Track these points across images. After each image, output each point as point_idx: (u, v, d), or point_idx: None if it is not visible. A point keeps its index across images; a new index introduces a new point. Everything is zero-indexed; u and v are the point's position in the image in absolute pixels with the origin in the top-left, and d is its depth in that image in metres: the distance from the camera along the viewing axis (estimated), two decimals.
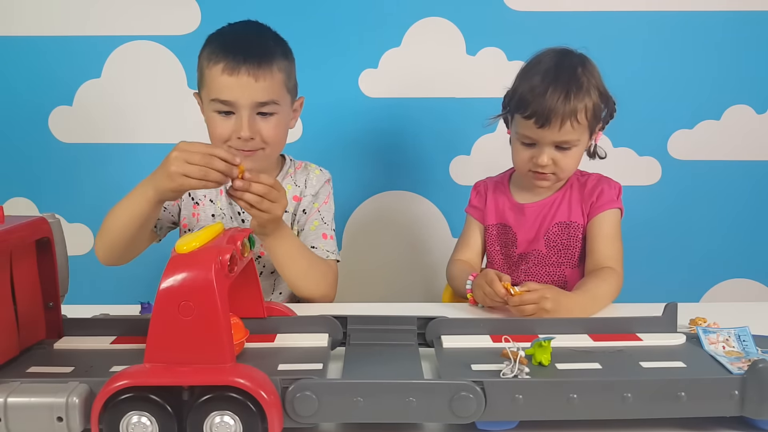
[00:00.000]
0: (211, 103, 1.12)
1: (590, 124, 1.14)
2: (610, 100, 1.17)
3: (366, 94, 1.71)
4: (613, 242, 1.16)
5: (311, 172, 1.27)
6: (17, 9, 1.69)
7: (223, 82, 1.10)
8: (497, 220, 1.27)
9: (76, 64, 1.71)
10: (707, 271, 1.80)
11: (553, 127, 1.11)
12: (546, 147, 1.14)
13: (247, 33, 1.16)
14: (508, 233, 1.25)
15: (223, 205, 1.22)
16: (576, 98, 1.10)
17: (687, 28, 1.68)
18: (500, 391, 0.62)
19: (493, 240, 1.27)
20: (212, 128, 1.14)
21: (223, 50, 1.10)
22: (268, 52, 1.13)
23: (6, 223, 0.71)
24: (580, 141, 1.14)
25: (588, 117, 1.13)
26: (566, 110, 1.10)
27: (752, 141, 1.74)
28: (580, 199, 1.21)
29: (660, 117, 1.73)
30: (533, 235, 1.23)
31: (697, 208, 1.77)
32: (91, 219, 1.79)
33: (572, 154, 1.15)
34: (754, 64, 1.70)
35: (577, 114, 1.11)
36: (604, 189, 1.19)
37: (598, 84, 1.15)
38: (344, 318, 0.82)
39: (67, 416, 0.60)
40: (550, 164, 1.14)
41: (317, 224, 1.23)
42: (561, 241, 1.21)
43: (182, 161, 0.94)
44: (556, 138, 1.12)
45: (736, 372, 0.67)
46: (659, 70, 1.71)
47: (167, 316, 0.61)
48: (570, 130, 1.12)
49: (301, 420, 0.62)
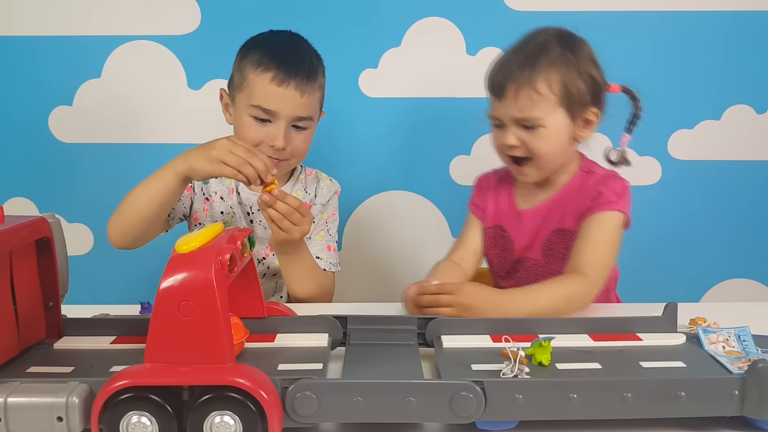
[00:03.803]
0: (250, 107, 1.13)
1: (566, 102, 1.04)
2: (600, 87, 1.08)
3: (366, 94, 1.71)
4: (596, 247, 1.04)
5: (321, 181, 1.29)
6: (17, 9, 1.69)
7: (270, 91, 1.11)
8: (495, 222, 1.20)
9: (76, 64, 1.71)
10: (707, 271, 1.80)
11: (508, 97, 1.02)
12: (510, 125, 1.05)
13: (297, 46, 1.18)
14: (505, 238, 1.19)
15: (233, 203, 1.23)
16: (536, 66, 1.01)
17: (687, 28, 1.68)
18: (500, 391, 0.62)
19: (491, 243, 1.21)
20: (245, 131, 1.15)
21: (274, 60, 1.12)
22: (314, 69, 1.16)
23: (6, 223, 0.71)
24: (550, 120, 1.04)
25: (555, 91, 1.02)
26: (521, 78, 1.01)
27: (752, 141, 1.74)
28: (578, 203, 1.11)
29: (660, 117, 1.73)
30: (529, 242, 1.16)
31: (697, 208, 1.77)
32: (91, 219, 1.79)
33: (542, 135, 1.04)
34: (754, 64, 1.70)
35: (535, 84, 1.01)
36: (602, 191, 1.08)
37: (582, 64, 1.05)
38: (344, 318, 0.82)
39: (67, 416, 0.60)
40: (518, 145, 1.05)
41: (324, 235, 1.26)
42: (559, 249, 1.13)
43: (227, 150, 0.97)
44: (516, 113, 1.03)
45: (736, 372, 0.67)
46: (659, 70, 1.70)
47: (167, 316, 0.61)
48: (529, 103, 1.02)
49: (301, 420, 0.62)
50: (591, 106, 1.08)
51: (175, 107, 1.73)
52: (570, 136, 1.08)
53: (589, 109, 1.08)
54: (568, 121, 1.06)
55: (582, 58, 1.06)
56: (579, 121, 1.07)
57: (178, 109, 1.73)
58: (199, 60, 1.70)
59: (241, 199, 1.23)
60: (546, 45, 1.05)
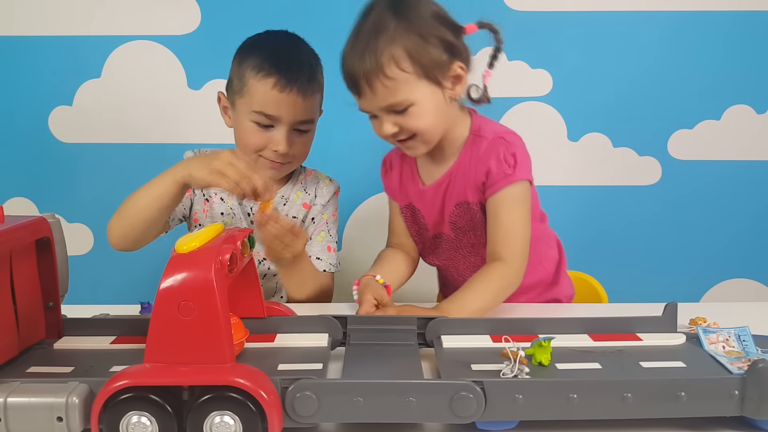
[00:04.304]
0: (252, 113, 1.12)
1: (424, 73, 0.96)
2: (454, 42, 0.99)
3: None
4: (507, 230, 1.01)
5: (321, 182, 1.28)
6: (17, 9, 1.69)
7: (272, 97, 1.10)
8: (406, 200, 1.16)
9: (76, 64, 1.71)
10: (707, 271, 1.80)
11: (365, 92, 0.97)
12: (383, 115, 0.99)
13: (296, 49, 1.16)
14: (417, 215, 1.16)
15: (233, 204, 1.23)
16: (377, 50, 0.94)
17: (687, 28, 1.69)
18: (500, 391, 0.62)
19: (409, 222, 1.17)
20: (246, 137, 1.14)
21: (275, 65, 1.10)
22: (314, 72, 1.15)
23: (6, 223, 0.71)
24: (415, 96, 0.97)
25: (407, 68, 0.95)
26: (366, 69, 0.95)
27: (752, 141, 1.74)
28: (473, 174, 1.05)
29: (660, 117, 1.73)
30: (438, 218, 1.12)
31: (697, 208, 1.77)
32: (91, 219, 1.79)
33: (415, 113, 0.98)
34: (754, 64, 1.70)
35: (384, 69, 0.94)
36: (491, 167, 1.02)
37: (424, 27, 0.97)
38: (344, 318, 0.82)
39: (67, 416, 0.60)
40: (397, 130, 1.00)
41: (324, 236, 1.25)
42: (465, 223, 1.09)
43: (227, 163, 0.96)
44: (379, 104, 0.97)
45: (736, 372, 0.67)
46: (659, 70, 1.71)
47: (167, 316, 0.61)
48: (386, 91, 0.95)
49: (301, 420, 0.62)
50: (452, 62, 0.99)
51: (175, 107, 1.73)
52: (444, 100, 1.01)
53: (452, 65, 0.99)
54: (435, 89, 0.99)
55: (422, 21, 0.97)
56: (446, 82, 1.00)
57: (178, 109, 1.73)
58: (199, 60, 1.70)
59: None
60: (380, 22, 0.96)
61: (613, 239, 1.78)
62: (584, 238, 1.77)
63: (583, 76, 1.71)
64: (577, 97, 1.72)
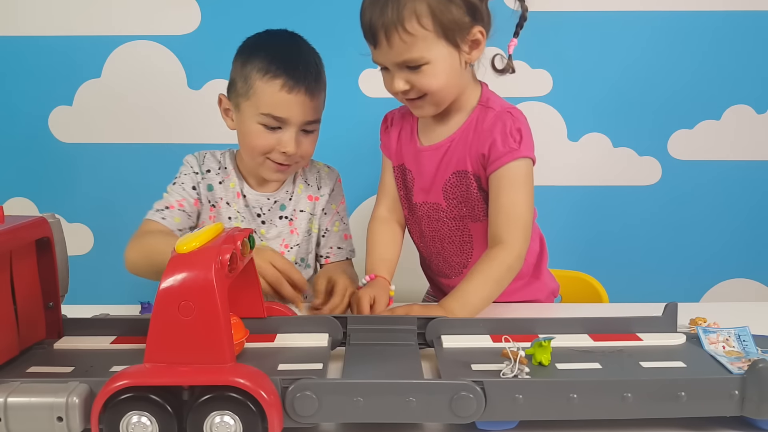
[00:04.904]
0: (259, 115, 1.10)
1: (444, 32, 0.96)
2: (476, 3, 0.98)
3: (366, 94, 1.71)
4: (509, 211, 1.00)
5: (321, 171, 1.27)
6: (17, 9, 1.69)
7: (280, 99, 1.08)
8: (399, 160, 1.14)
9: (76, 64, 1.71)
10: (707, 271, 1.80)
11: (382, 44, 0.96)
12: (395, 70, 0.99)
13: (299, 48, 1.15)
14: (406, 177, 1.13)
15: (240, 207, 1.21)
16: (398, 4, 0.93)
17: (687, 28, 1.69)
18: (500, 391, 0.62)
19: (399, 184, 1.14)
20: (253, 139, 1.12)
21: (282, 66, 1.08)
22: (319, 71, 1.14)
23: (6, 223, 0.71)
24: (432, 55, 0.96)
25: (427, 26, 0.94)
26: (388, 21, 0.94)
27: (752, 141, 1.74)
28: (476, 144, 1.03)
29: (660, 117, 1.73)
30: (429, 183, 1.10)
31: (697, 208, 1.77)
32: (91, 219, 1.79)
33: (428, 72, 0.97)
34: (754, 64, 1.70)
35: (405, 24, 0.93)
36: (497, 140, 1.01)
37: None
38: (344, 318, 0.82)
39: (67, 416, 0.60)
40: (408, 88, 0.99)
41: (339, 225, 1.26)
42: (459, 193, 1.07)
43: (267, 262, 0.96)
44: (394, 58, 0.97)
45: (736, 372, 0.67)
46: (659, 70, 1.71)
47: (167, 316, 0.61)
48: (404, 46, 0.95)
49: (301, 420, 0.62)
50: (473, 26, 0.98)
51: (175, 107, 1.72)
52: (459, 63, 1.00)
53: (472, 29, 0.99)
54: (452, 50, 0.98)
55: None
56: (464, 45, 0.99)
57: (178, 109, 1.73)
58: (199, 60, 1.70)
59: (248, 202, 1.21)
60: None
61: (612, 239, 1.78)
62: (584, 238, 1.77)
63: (583, 76, 1.71)
64: (577, 97, 1.72)
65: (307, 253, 1.25)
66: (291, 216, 1.23)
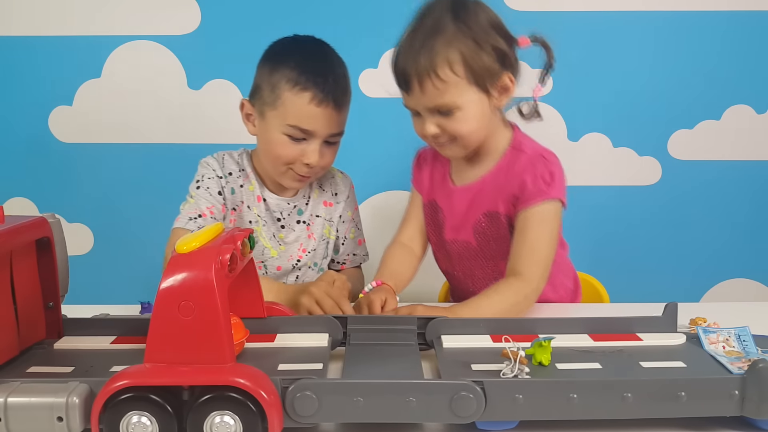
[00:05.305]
0: (285, 126, 1.09)
1: (475, 79, 0.98)
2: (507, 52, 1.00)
3: (366, 94, 1.71)
4: (533, 247, 1.01)
5: (335, 177, 1.27)
6: (17, 9, 1.69)
7: (309, 112, 1.07)
8: (430, 197, 1.15)
9: (76, 64, 1.71)
10: (707, 271, 1.80)
11: (414, 90, 0.98)
12: (427, 115, 1.00)
13: (328, 59, 1.13)
14: (437, 215, 1.15)
15: (261, 211, 1.20)
16: (433, 50, 0.95)
17: (687, 28, 1.69)
18: (500, 391, 0.62)
19: (428, 219, 1.16)
20: (278, 149, 1.11)
21: (311, 79, 1.07)
22: (347, 83, 1.14)
23: (6, 223, 0.71)
24: (462, 101, 0.98)
25: (459, 72, 0.96)
26: (419, 68, 0.96)
27: (752, 141, 1.74)
28: (507, 186, 1.05)
29: (660, 117, 1.73)
30: (460, 221, 1.11)
31: (697, 208, 1.77)
32: (91, 219, 1.79)
33: (459, 118, 0.99)
34: (754, 64, 1.70)
35: (437, 70, 0.95)
36: (527, 181, 1.03)
37: (482, 34, 0.98)
38: (344, 318, 0.82)
39: (67, 416, 0.60)
40: (439, 132, 1.01)
41: (354, 231, 1.28)
42: (490, 233, 1.09)
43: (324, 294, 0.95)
44: (426, 103, 0.99)
45: (736, 372, 0.67)
46: (659, 70, 1.71)
47: (167, 316, 0.61)
48: (436, 92, 0.97)
49: (301, 420, 0.62)
50: (503, 72, 1.01)
51: (175, 107, 1.72)
52: (489, 108, 1.02)
53: (502, 76, 1.01)
54: (482, 96, 1.00)
55: (480, 28, 0.99)
56: (494, 91, 1.01)
57: (178, 109, 1.72)
58: (199, 60, 1.70)
59: (268, 206, 1.20)
60: (439, 23, 0.98)
61: (613, 239, 1.78)
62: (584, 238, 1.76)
63: (583, 76, 1.71)
64: (577, 97, 1.72)
65: (322, 258, 1.26)
66: (308, 221, 1.23)
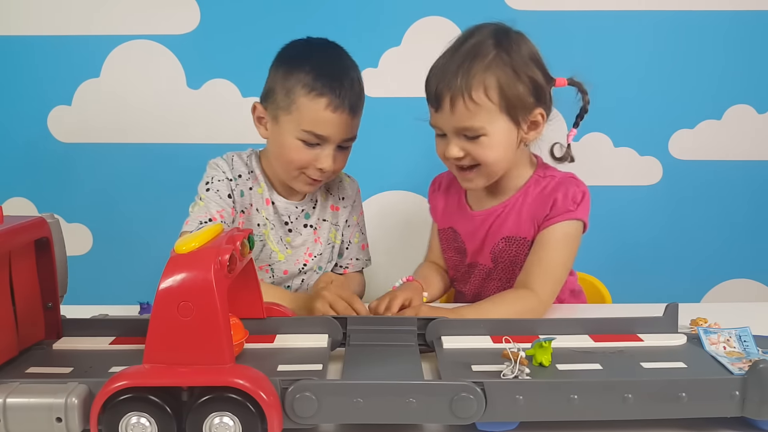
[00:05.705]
0: (299, 131, 1.08)
1: (507, 107, 0.98)
2: (543, 87, 1.01)
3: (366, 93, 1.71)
4: (549, 265, 1.01)
5: (343, 181, 1.27)
6: (17, 9, 1.68)
7: (324, 118, 1.07)
8: (447, 223, 1.17)
9: (75, 64, 1.70)
10: (708, 271, 1.80)
11: (445, 108, 0.97)
12: (452, 136, 1.00)
13: (343, 63, 1.12)
14: (457, 240, 1.16)
15: (269, 214, 1.19)
16: (470, 73, 0.95)
17: (687, 28, 1.68)
18: (501, 391, 0.62)
19: (446, 245, 1.18)
20: (291, 154, 1.10)
21: (327, 84, 1.06)
22: (361, 87, 1.13)
23: (5, 223, 0.71)
24: (492, 128, 0.98)
25: (493, 98, 0.96)
26: (456, 87, 0.95)
27: (753, 141, 1.74)
28: (534, 209, 1.05)
29: (661, 117, 1.73)
30: (479, 246, 1.12)
31: (697, 208, 1.77)
32: (90, 219, 1.79)
33: (485, 144, 0.99)
34: (755, 63, 1.70)
35: (471, 92, 0.95)
36: (558, 198, 1.03)
37: (521, 65, 0.98)
38: (344, 318, 0.82)
39: (66, 417, 0.60)
40: (462, 156, 1.00)
41: (359, 236, 1.29)
42: (508, 257, 1.09)
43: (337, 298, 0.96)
44: (455, 123, 0.98)
45: (737, 372, 0.67)
46: (659, 70, 1.70)
47: (166, 317, 0.61)
48: (467, 114, 0.96)
49: (301, 421, 0.61)
50: (535, 107, 1.01)
51: (175, 107, 1.72)
52: (516, 140, 1.02)
53: (534, 110, 1.01)
54: (511, 126, 1.00)
55: (520, 59, 0.99)
56: (524, 124, 1.01)
57: (177, 109, 1.72)
58: (198, 60, 1.70)
59: (277, 209, 1.19)
60: (480, 47, 0.98)
61: (613, 239, 1.78)
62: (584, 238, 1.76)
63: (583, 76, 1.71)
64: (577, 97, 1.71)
65: (327, 262, 1.26)
66: (315, 225, 1.23)
